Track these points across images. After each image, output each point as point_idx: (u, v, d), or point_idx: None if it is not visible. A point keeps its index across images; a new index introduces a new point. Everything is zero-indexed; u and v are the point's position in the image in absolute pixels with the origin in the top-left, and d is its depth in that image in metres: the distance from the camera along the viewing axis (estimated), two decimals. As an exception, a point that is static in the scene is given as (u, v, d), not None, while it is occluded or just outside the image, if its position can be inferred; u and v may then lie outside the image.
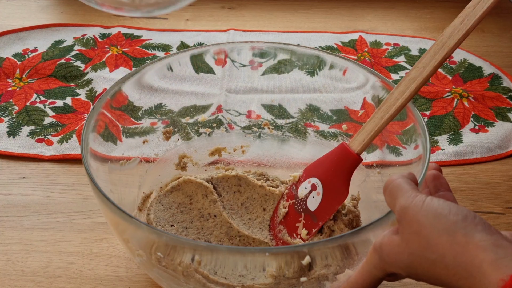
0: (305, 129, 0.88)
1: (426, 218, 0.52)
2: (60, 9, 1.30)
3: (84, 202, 0.86)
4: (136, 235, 0.65)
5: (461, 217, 0.51)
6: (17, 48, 1.16)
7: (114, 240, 0.80)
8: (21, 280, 0.75)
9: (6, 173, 0.91)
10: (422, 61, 0.65)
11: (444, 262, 0.51)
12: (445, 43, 0.64)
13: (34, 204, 0.86)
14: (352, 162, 0.69)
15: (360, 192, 0.79)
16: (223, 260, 0.64)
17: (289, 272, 0.64)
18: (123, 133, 0.79)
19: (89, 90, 1.05)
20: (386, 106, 0.67)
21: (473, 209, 0.86)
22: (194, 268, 0.64)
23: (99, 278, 0.75)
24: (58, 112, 1.01)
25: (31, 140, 0.96)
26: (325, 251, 0.63)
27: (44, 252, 0.79)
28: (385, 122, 0.67)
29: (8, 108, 1.02)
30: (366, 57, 1.14)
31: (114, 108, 0.76)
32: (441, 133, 0.98)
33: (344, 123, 0.87)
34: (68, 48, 1.16)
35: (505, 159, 0.95)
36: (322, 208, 0.71)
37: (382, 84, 0.78)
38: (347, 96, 0.88)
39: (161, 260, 0.63)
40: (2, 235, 0.81)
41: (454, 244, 0.50)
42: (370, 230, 0.61)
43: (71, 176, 0.90)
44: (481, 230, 0.50)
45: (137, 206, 0.79)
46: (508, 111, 1.02)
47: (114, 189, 0.72)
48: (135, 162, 0.80)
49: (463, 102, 1.04)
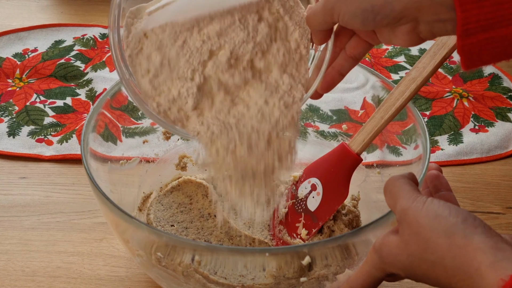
0: (305, 129, 0.88)
1: (426, 220, 0.52)
2: (60, 9, 1.30)
3: (84, 202, 0.86)
4: (136, 235, 0.65)
5: (461, 219, 0.51)
6: (17, 48, 1.16)
7: (114, 240, 0.80)
8: (21, 280, 0.75)
9: (6, 173, 0.91)
10: (422, 61, 0.65)
11: (443, 263, 0.51)
12: (445, 43, 0.64)
13: (34, 204, 0.86)
14: (352, 162, 0.69)
15: (360, 192, 0.79)
16: (223, 260, 0.64)
17: (289, 272, 0.64)
18: (123, 133, 0.79)
19: (89, 90, 1.05)
20: (386, 106, 0.67)
21: (473, 209, 0.86)
22: (194, 268, 0.64)
23: (99, 278, 0.75)
24: (58, 112, 1.01)
25: (31, 140, 0.96)
26: (325, 251, 0.63)
27: (44, 252, 0.79)
28: (385, 122, 0.67)
29: (8, 108, 1.02)
30: (366, 57, 1.14)
31: (114, 108, 0.76)
32: (441, 133, 0.98)
33: (344, 123, 0.87)
34: (68, 48, 1.16)
35: (505, 159, 0.95)
36: (322, 208, 0.71)
37: (382, 84, 0.78)
38: (347, 96, 0.88)
39: (161, 260, 0.63)
40: (2, 235, 0.81)
41: (453, 246, 0.50)
42: (370, 230, 0.61)
43: (71, 176, 0.90)
44: (481, 232, 0.50)
45: (137, 206, 0.79)
46: (508, 111, 1.02)
47: (114, 189, 0.72)
48: (135, 162, 0.80)
49: (463, 102, 1.04)
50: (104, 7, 1.30)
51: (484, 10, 0.48)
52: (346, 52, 0.62)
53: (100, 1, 1.31)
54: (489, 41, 0.49)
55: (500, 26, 0.49)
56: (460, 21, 0.49)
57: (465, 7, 0.48)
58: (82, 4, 1.31)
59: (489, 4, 0.48)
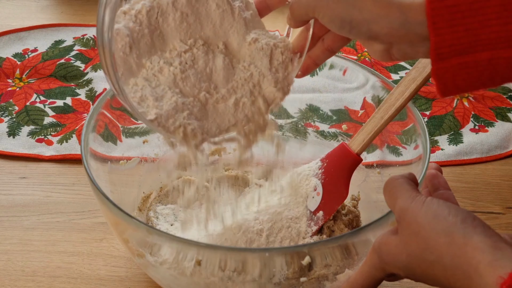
0: (305, 129, 0.88)
1: (425, 219, 0.52)
2: (60, 9, 1.30)
3: (84, 202, 0.86)
4: (136, 235, 0.65)
5: (460, 218, 0.51)
6: (17, 48, 1.16)
7: (114, 240, 0.80)
8: (21, 280, 0.75)
9: (6, 173, 0.91)
10: (423, 61, 0.65)
11: (442, 263, 0.51)
12: (446, 43, 0.64)
13: (34, 204, 0.86)
14: (352, 162, 0.69)
15: (360, 192, 0.79)
16: (223, 260, 0.64)
17: (289, 272, 0.64)
18: (123, 133, 0.79)
19: (89, 90, 1.05)
20: (386, 106, 0.67)
21: (473, 209, 0.86)
22: (194, 268, 0.64)
23: (99, 278, 0.75)
24: (58, 112, 1.01)
25: (31, 140, 0.96)
26: (325, 251, 0.63)
27: (44, 252, 0.79)
28: (385, 122, 0.67)
29: (8, 108, 1.02)
30: (366, 57, 1.14)
31: (114, 108, 0.76)
32: (441, 133, 0.98)
33: (344, 123, 0.87)
34: (68, 48, 1.15)
35: (505, 159, 0.95)
36: (322, 208, 0.71)
37: (382, 84, 0.78)
38: (347, 96, 0.88)
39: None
40: (2, 235, 0.81)
41: (452, 245, 0.50)
42: (370, 230, 0.61)
43: (71, 176, 0.90)
44: (480, 232, 0.50)
45: (137, 206, 0.79)
46: (508, 111, 1.02)
47: (114, 189, 0.72)
48: (135, 162, 0.80)
49: (463, 102, 1.04)
50: (104, 7, 1.29)
51: (458, 34, 0.49)
52: (324, 44, 0.63)
53: (100, 1, 1.31)
54: (463, 65, 0.50)
55: (474, 51, 0.49)
56: (434, 45, 0.50)
57: (439, 32, 0.49)
58: (82, 4, 1.31)
59: (463, 29, 0.49)
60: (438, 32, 0.49)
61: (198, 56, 0.62)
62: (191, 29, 0.62)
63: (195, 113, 0.61)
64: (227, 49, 0.64)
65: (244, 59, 0.64)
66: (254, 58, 0.63)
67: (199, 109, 0.62)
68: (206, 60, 0.62)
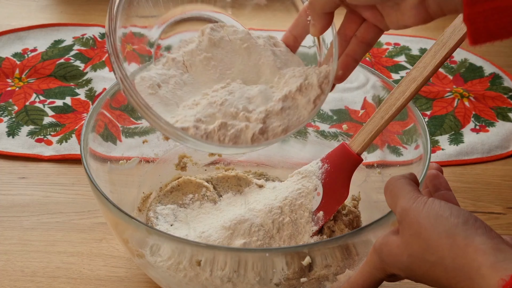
0: (305, 129, 0.88)
1: (427, 220, 0.52)
2: (59, 8, 1.29)
3: (84, 202, 0.86)
4: (135, 235, 0.65)
5: (462, 219, 0.51)
6: (16, 47, 1.16)
7: (114, 240, 0.80)
8: (21, 280, 0.75)
9: (6, 173, 0.91)
10: (423, 61, 0.65)
11: (443, 264, 0.50)
12: (446, 43, 0.63)
13: (34, 204, 0.85)
14: (352, 162, 0.69)
15: (360, 192, 0.79)
16: (223, 260, 0.64)
17: (289, 272, 0.64)
18: (123, 133, 0.79)
19: (88, 90, 1.05)
20: (387, 106, 0.67)
21: (474, 209, 0.86)
22: (194, 268, 0.63)
23: (99, 279, 0.75)
24: (58, 112, 1.01)
25: (30, 140, 0.96)
26: (325, 251, 0.63)
27: (44, 252, 0.79)
28: (386, 122, 0.67)
29: (8, 108, 1.02)
30: (367, 57, 1.13)
31: (114, 108, 0.76)
32: (441, 133, 0.98)
33: (344, 123, 0.87)
34: (67, 47, 1.15)
35: (506, 159, 0.94)
36: (323, 208, 0.70)
37: (383, 83, 0.78)
38: (347, 96, 0.88)
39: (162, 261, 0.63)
40: (2, 235, 0.81)
41: (453, 247, 0.50)
42: (371, 231, 0.60)
43: (71, 176, 0.90)
44: (482, 233, 0.49)
45: (136, 206, 0.79)
46: (508, 111, 1.02)
47: (114, 189, 0.72)
48: (135, 162, 0.80)
49: (464, 102, 1.04)
50: (104, 6, 1.29)
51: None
52: (357, 38, 0.62)
53: (100, 1, 1.31)
54: (496, 10, 0.49)
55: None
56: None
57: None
58: (82, 3, 1.31)
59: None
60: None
61: (234, 89, 0.63)
62: (220, 67, 0.64)
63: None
64: (261, 78, 0.65)
65: (278, 86, 0.65)
66: (288, 83, 0.64)
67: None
68: (242, 91, 0.63)
